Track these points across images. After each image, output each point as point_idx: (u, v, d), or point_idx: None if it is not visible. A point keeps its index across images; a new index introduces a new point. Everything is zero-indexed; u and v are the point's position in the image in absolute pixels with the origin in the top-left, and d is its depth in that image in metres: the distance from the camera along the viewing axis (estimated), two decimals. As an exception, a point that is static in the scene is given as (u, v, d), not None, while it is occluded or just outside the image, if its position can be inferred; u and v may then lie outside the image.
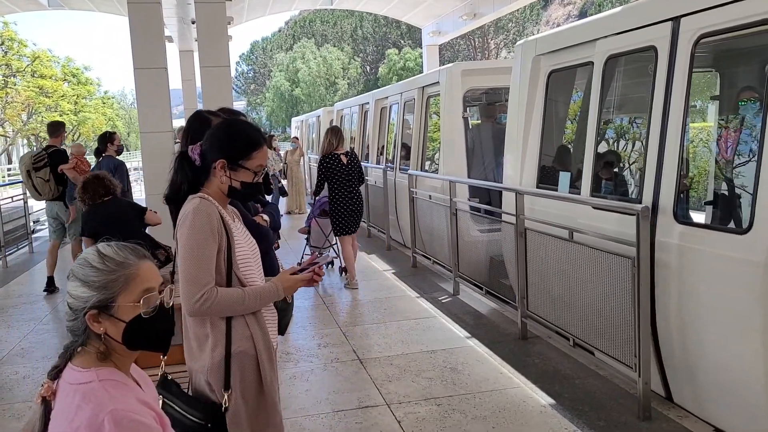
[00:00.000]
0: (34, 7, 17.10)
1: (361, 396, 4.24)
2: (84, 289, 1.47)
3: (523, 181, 5.52)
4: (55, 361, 1.50)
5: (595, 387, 4.22)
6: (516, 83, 5.75)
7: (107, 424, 1.33)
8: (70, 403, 1.39)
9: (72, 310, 1.49)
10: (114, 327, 1.48)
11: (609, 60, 4.49)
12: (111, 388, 1.43)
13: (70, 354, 1.50)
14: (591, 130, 4.59)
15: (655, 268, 3.82)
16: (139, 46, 8.82)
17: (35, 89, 33.64)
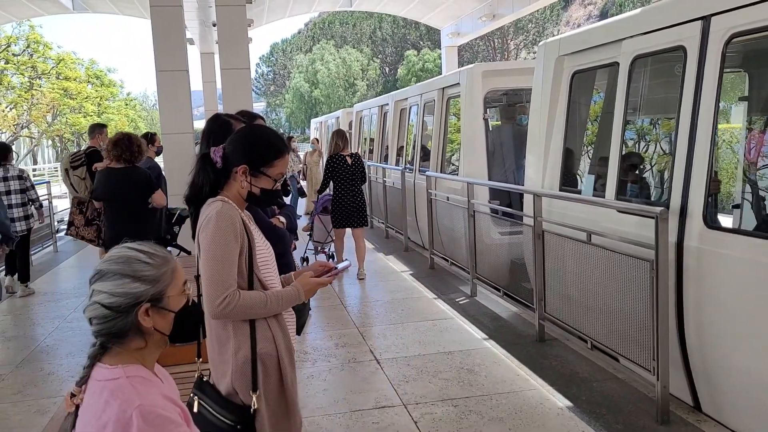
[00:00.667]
0: (59, 10, 17.39)
1: (378, 396, 4.27)
2: (137, 284, 1.49)
3: (546, 184, 5.44)
4: (82, 372, 1.52)
5: (613, 390, 4.21)
6: (538, 84, 5.68)
7: (135, 419, 1.37)
8: (99, 399, 1.43)
9: (113, 310, 1.48)
10: (163, 320, 1.54)
11: (635, 60, 4.39)
12: (138, 384, 1.46)
13: (99, 357, 1.52)
14: (616, 131, 4.51)
15: (684, 274, 3.74)
16: (161, 48, 8.94)
17: (60, 91, 34.17)
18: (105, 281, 1.50)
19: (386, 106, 11.89)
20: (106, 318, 1.49)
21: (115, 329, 1.50)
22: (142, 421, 1.37)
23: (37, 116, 34.36)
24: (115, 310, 1.48)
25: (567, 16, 56.32)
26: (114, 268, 1.51)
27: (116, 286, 1.49)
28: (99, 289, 1.50)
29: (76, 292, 7.70)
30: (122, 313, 1.49)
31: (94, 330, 1.51)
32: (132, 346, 1.52)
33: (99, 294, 1.50)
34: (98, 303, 1.49)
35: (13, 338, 5.96)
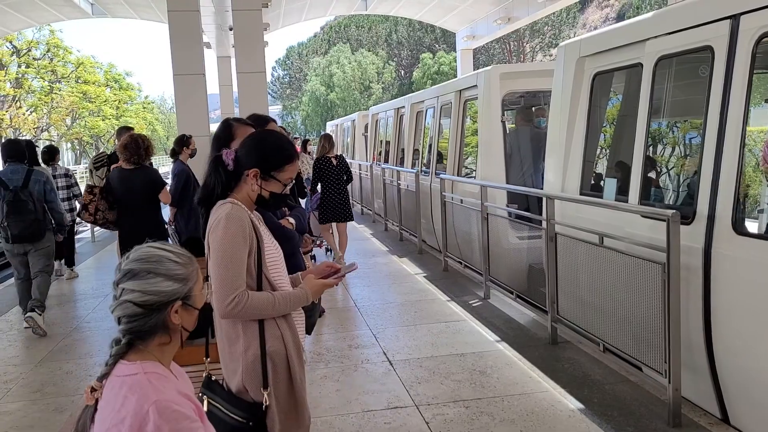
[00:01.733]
0: (78, 15, 17.66)
1: (390, 397, 4.30)
2: (169, 282, 1.55)
3: (566, 187, 5.34)
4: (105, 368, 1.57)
5: (625, 392, 4.21)
6: (558, 86, 5.57)
7: (151, 413, 1.42)
8: (117, 393, 1.48)
9: (146, 308, 1.53)
10: (190, 317, 1.61)
11: (660, 61, 4.25)
12: (155, 380, 1.51)
13: (122, 354, 1.56)
14: (640, 134, 4.39)
15: (711, 281, 3.62)
16: (179, 52, 9.07)
17: (79, 94, 34.66)
18: (136, 280, 1.54)
19: (402, 108, 11.86)
20: (137, 316, 1.53)
21: (146, 327, 1.54)
22: (158, 415, 1.42)
23: (57, 119, 34.86)
24: (147, 308, 1.53)
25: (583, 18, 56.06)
26: (146, 267, 1.55)
27: (149, 284, 1.53)
28: (130, 288, 1.54)
29: (94, 293, 7.82)
30: (154, 312, 1.54)
31: (123, 328, 1.55)
32: (156, 342, 1.58)
33: (130, 293, 1.53)
34: (130, 302, 1.53)
35: (32, 338, 6.06)
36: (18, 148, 6.37)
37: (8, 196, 5.95)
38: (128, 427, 1.42)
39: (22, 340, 6.01)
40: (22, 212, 5.95)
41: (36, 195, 6.03)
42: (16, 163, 6.17)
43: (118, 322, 1.56)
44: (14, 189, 5.98)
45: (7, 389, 4.78)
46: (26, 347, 5.79)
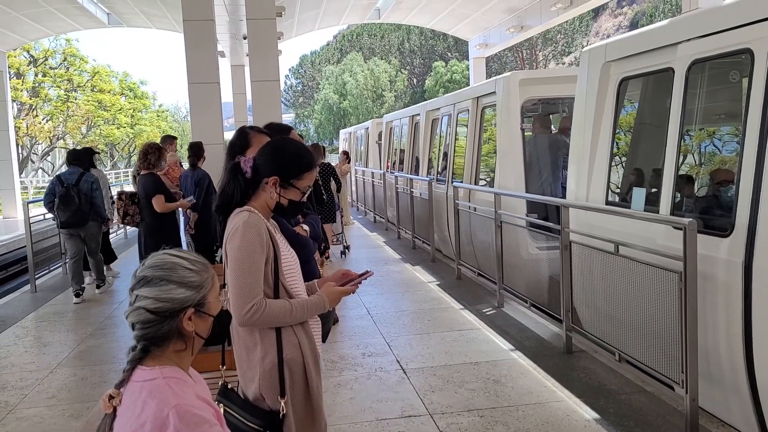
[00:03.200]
0: (94, 25, 17.86)
1: (404, 405, 4.28)
2: (182, 290, 1.55)
3: (590, 197, 5.20)
4: (122, 375, 1.56)
5: (641, 403, 4.17)
6: (582, 92, 5.40)
7: (172, 417, 1.42)
8: (137, 398, 1.48)
9: (159, 315, 1.54)
10: (204, 324, 1.61)
11: (693, 65, 4.07)
12: (174, 384, 1.51)
13: (139, 361, 1.56)
14: (672, 142, 4.21)
15: (752, 298, 3.46)
16: (194, 61, 9.15)
17: (94, 103, 35.02)
18: (150, 287, 1.55)
19: (417, 116, 11.77)
20: (150, 323, 1.54)
21: (159, 334, 1.55)
22: (178, 420, 1.42)
23: (73, 128, 35.23)
24: (160, 315, 1.54)
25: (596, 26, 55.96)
26: (159, 274, 1.56)
27: (162, 291, 1.54)
28: (144, 294, 1.55)
29: (109, 299, 7.87)
30: (167, 318, 1.54)
31: (137, 335, 1.56)
32: (172, 349, 1.58)
33: (144, 299, 1.54)
34: (143, 308, 1.54)
35: (48, 344, 6.11)
36: (76, 155, 8.08)
37: (62, 190, 7.50)
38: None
39: (38, 347, 6.06)
40: (68, 204, 7.48)
41: (84, 192, 7.54)
42: (75, 166, 7.82)
43: (132, 328, 1.57)
44: (67, 185, 7.53)
45: (23, 395, 4.81)
46: (42, 353, 5.83)
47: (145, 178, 6.52)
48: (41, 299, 8.08)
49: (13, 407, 4.59)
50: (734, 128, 4.02)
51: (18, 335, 6.48)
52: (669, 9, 43.78)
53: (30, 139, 33.46)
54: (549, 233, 5.74)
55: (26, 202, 9.24)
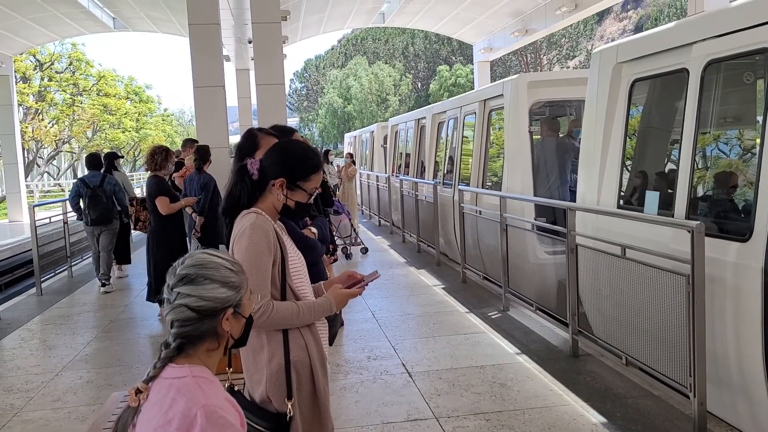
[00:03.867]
0: (100, 29, 17.92)
1: (410, 409, 4.27)
2: (224, 290, 1.56)
3: (602, 201, 5.10)
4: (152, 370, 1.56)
5: (648, 407, 4.14)
6: (593, 94, 5.29)
7: (199, 417, 1.42)
8: (165, 395, 1.49)
9: (200, 313, 1.54)
10: (238, 324, 1.63)
11: (708, 66, 3.98)
12: (203, 384, 1.51)
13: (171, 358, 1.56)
14: (687, 145, 4.11)
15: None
16: (199, 65, 9.17)
17: (100, 107, 35.13)
18: (193, 285, 1.55)
19: (423, 119, 11.71)
20: (191, 321, 1.54)
21: (198, 332, 1.55)
22: (205, 420, 1.42)
23: (78, 132, 35.33)
24: (202, 314, 1.54)
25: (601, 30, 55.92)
26: (203, 273, 1.56)
27: (206, 290, 1.55)
28: (186, 292, 1.55)
29: (114, 303, 7.88)
30: (207, 317, 1.55)
31: (175, 332, 1.56)
32: (205, 348, 1.58)
33: (186, 297, 1.54)
34: (185, 306, 1.54)
35: (54, 347, 6.12)
36: (95, 160, 8.92)
37: (88, 192, 8.39)
38: (175, 429, 1.42)
39: (44, 350, 6.06)
40: (97, 203, 8.39)
41: (107, 192, 8.42)
42: (95, 170, 8.68)
43: (170, 326, 1.57)
44: (93, 187, 8.39)
45: (28, 398, 4.81)
46: (47, 356, 5.83)
47: (149, 180, 6.59)
48: (47, 302, 8.10)
49: (18, 410, 4.59)
50: (752, 130, 3.94)
51: (23, 338, 6.49)
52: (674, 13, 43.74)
53: (36, 143, 33.57)
54: (555, 237, 5.70)
55: (32, 206, 9.26)
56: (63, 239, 9.76)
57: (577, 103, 7.58)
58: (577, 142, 7.41)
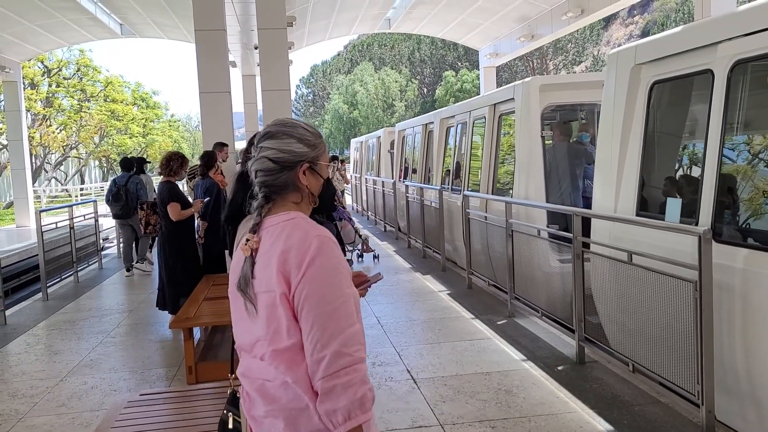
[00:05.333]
0: (108, 35, 18.02)
1: (414, 416, 4.24)
2: (300, 145, 1.76)
3: (619, 208, 4.93)
4: (255, 219, 1.75)
5: (655, 414, 4.10)
6: (610, 97, 5.11)
7: (314, 244, 1.61)
8: (280, 234, 1.67)
9: (278, 164, 1.74)
10: (316, 182, 1.81)
11: (735, 67, 3.80)
12: (311, 222, 1.72)
13: (268, 209, 1.76)
14: (712, 150, 3.92)
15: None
16: (205, 71, 9.19)
17: (107, 113, 35.30)
18: (274, 140, 1.76)
19: (431, 124, 11.60)
20: (271, 171, 1.75)
21: (278, 182, 1.75)
22: (317, 247, 1.61)
23: (85, 137, 35.51)
24: (280, 165, 1.75)
25: (607, 35, 55.88)
26: (283, 129, 1.78)
27: (284, 144, 1.75)
28: (267, 146, 1.76)
29: (120, 309, 7.88)
30: (285, 169, 1.75)
31: (258, 181, 1.76)
32: (290, 199, 1.78)
33: (267, 150, 1.75)
34: (266, 157, 1.75)
35: (59, 352, 6.12)
36: (127, 162, 10.39)
37: (114, 189, 9.88)
38: (293, 257, 1.60)
39: (49, 355, 6.07)
40: (117, 200, 9.89)
41: (130, 191, 9.74)
42: (126, 171, 10.17)
43: (255, 176, 1.76)
44: (118, 186, 9.85)
45: (33, 403, 4.81)
46: (52, 362, 5.84)
47: (162, 186, 6.58)
48: (52, 307, 8.11)
49: (23, 415, 4.59)
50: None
51: (29, 343, 6.50)
52: (681, 18, 43.68)
53: (43, 149, 33.74)
54: (561, 243, 5.65)
55: (39, 211, 9.29)
56: (69, 245, 9.78)
57: (591, 107, 7.45)
58: (587, 146, 7.37)
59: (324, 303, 1.57)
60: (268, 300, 1.64)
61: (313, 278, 1.58)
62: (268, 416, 1.70)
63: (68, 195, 33.29)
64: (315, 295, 1.57)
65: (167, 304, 6.69)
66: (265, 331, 1.66)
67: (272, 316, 1.63)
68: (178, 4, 14.28)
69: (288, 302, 1.61)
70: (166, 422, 3.30)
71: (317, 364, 1.56)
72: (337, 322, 1.57)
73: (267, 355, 1.67)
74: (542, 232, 6.12)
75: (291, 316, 1.61)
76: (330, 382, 1.54)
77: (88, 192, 34.36)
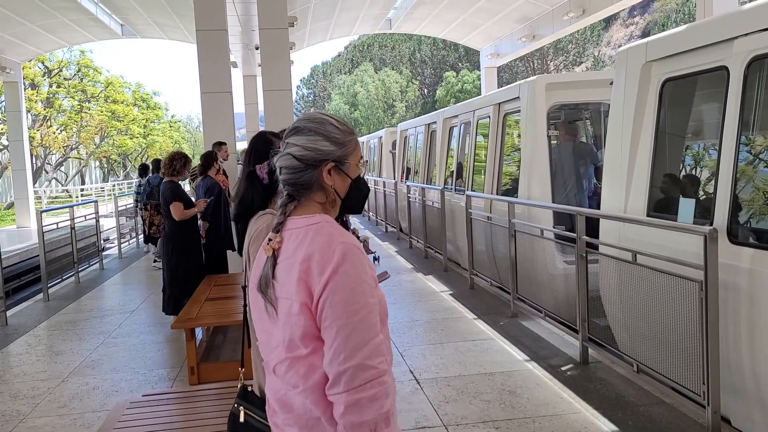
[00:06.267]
0: (109, 36, 18.01)
1: (418, 417, 4.22)
2: (327, 143, 1.66)
3: (629, 208, 4.84)
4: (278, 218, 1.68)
5: (660, 415, 4.08)
6: (619, 95, 5.00)
7: (337, 251, 1.54)
8: (304, 238, 1.61)
9: (303, 162, 1.65)
10: (342, 182, 1.70)
11: (752, 63, 3.68)
12: (336, 227, 1.64)
13: (293, 207, 1.69)
14: (727, 149, 3.81)
15: None
16: (206, 71, 9.18)
17: (108, 113, 35.34)
18: (300, 136, 1.67)
19: (434, 124, 11.54)
20: (295, 169, 1.66)
21: (302, 180, 1.67)
22: (341, 254, 1.54)
23: (86, 138, 35.54)
24: (304, 163, 1.66)
25: (608, 36, 55.87)
26: (310, 126, 1.68)
27: (309, 141, 1.66)
28: (293, 142, 1.68)
29: (121, 309, 7.86)
30: (310, 167, 1.66)
31: (283, 178, 1.69)
32: (315, 199, 1.69)
33: (292, 147, 1.67)
34: (290, 154, 1.66)
35: (60, 353, 6.10)
36: (156, 164, 11.05)
37: (149, 189, 10.71)
38: (316, 263, 1.54)
39: (50, 356, 6.05)
40: (152, 199, 10.56)
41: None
42: (156, 173, 10.74)
43: (279, 172, 1.69)
44: (152, 186, 10.55)
45: (34, 404, 4.79)
46: (54, 362, 5.82)
47: (164, 185, 6.56)
48: (54, 308, 8.09)
49: (24, 416, 4.57)
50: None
51: (30, 344, 6.48)
52: (681, 18, 43.67)
53: (44, 150, 33.75)
54: (565, 243, 5.62)
55: (39, 212, 9.27)
56: (70, 245, 9.77)
57: (598, 106, 7.38)
58: (586, 146, 7.33)
59: (348, 314, 1.52)
60: (286, 307, 1.60)
61: (336, 287, 1.53)
62: (285, 425, 1.67)
63: (69, 195, 33.30)
64: (339, 305, 1.52)
65: (168, 305, 6.66)
66: (282, 338, 1.63)
67: (288, 323, 1.60)
68: (179, 5, 14.27)
69: (309, 311, 1.56)
70: (169, 423, 3.29)
71: (339, 377, 1.51)
72: (361, 333, 1.52)
73: (285, 363, 1.64)
74: (545, 232, 6.09)
75: (311, 325, 1.57)
76: (355, 395, 1.50)
77: (89, 192, 34.37)
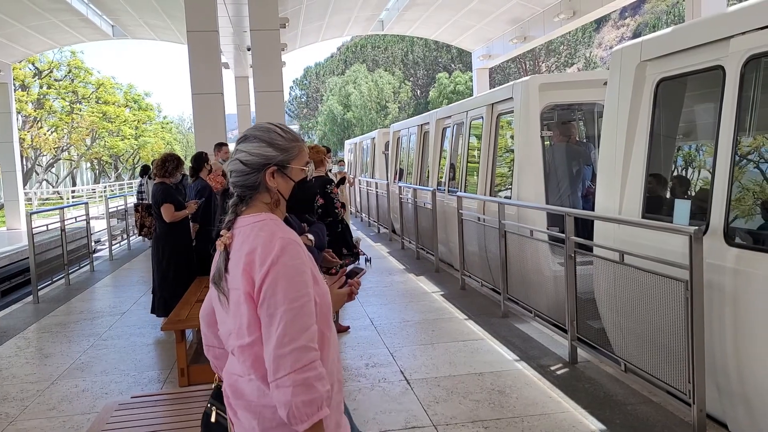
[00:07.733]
0: (99, 37, 17.96)
1: (407, 417, 4.24)
2: (270, 149, 1.85)
3: (624, 210, 4.77)
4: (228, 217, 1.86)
5: (648, 413, 4.11)
6: (614, 96, 4.94)
7: (278, 245, 1.72)
8: (250, 233, 1.78)
9: (248, 167, 1.84)
10: (285, 184, 1.89)
11: (749, 62, 3.62)
12: (279, 224, 1.83)
13: (243, 207, 1.86)
14: (724, 150, 3.76)
15: None
16: (198, 72, 9.18)
17: (99, 115, 35.19)
18: (247, 143, 1.87)
19: (427, 125, 11.52)
20: (242, 172, 1.85)
21: (248, 183, 1.85)
22: (281, 248, 1.71)
23: (77, 139, 35.38)
24: (249, 167, 1.85)
25: (599, 37, 56.11)
26: (256, 133, 1.88)
27: (254, 147, 1.85)
28: (241, 149, 1.87)
29: (112, 311, 7.84)
30: (255, 170, 1.85)
31: (232, 181, 1.87)
32: (262, 199, 1.87)
33: (240, 153, 1.86)
34: (238, 159, 1.86)
35: (50, 355, 6.08)
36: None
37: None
38: (258, 255, 1.71)
39: (39, 358, 6.03)
40: None
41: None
42: None
43: (230, 176, 1.88)
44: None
45: (23, 406, 4.78)
46: (43, 365, 5.80)
47: (156, 187, 6.57)
48: (43, 310, 8.06)
49: (13, 419, 4.56)
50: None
51: (20, 346, 6.45)
52: (672, 20, 43.92)
53: (34, 151, 33.58)
54: (555, 243, 5.64)
55: (29, 213, 9.23)
56: (60, 247, 9.73)
57: (591, 107, 7.38)
58: (580, 147, 7.34)
59: (289, 300, 1.66)
60: (234, 297, 1.75)
61: (276, 277, 1.67)
62: (239, 409, 1.81)
63: (60, 197, 33.13)
64: (279, 293, 1.66)
65: (158, 307, 6.66)
66: (233, 326, 1.77)
67: (237, 312, 1.74)
68: (170, 6, 14.25)
69: (252, 300, 1.71)
70: (158, 425, 3.28)
71: (285, 358, 1.62)
72: (303, 318, 1.66)
73: (236, 350, 1.78)
74: (534, 233, 6.11)
75: (253, 313, 1.71)
76: (303, 374, 1.61)
77: (80, 194, 34.19)
